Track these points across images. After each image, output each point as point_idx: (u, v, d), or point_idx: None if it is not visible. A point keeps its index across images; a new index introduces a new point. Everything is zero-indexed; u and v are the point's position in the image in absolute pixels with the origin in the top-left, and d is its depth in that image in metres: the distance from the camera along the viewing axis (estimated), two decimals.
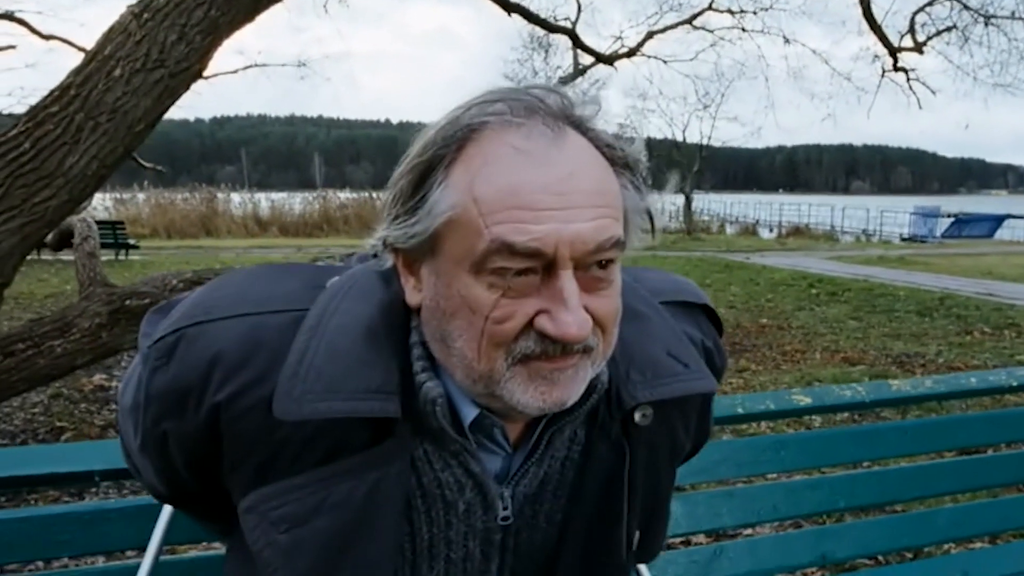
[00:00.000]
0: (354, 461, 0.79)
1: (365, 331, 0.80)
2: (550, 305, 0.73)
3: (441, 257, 0.76)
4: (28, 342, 4.18)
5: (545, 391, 0.77)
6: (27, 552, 1.45)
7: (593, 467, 0.90)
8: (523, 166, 0.72)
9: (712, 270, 15.67)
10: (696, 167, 32.60)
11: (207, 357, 0.80)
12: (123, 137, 4.08)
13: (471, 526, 0.88)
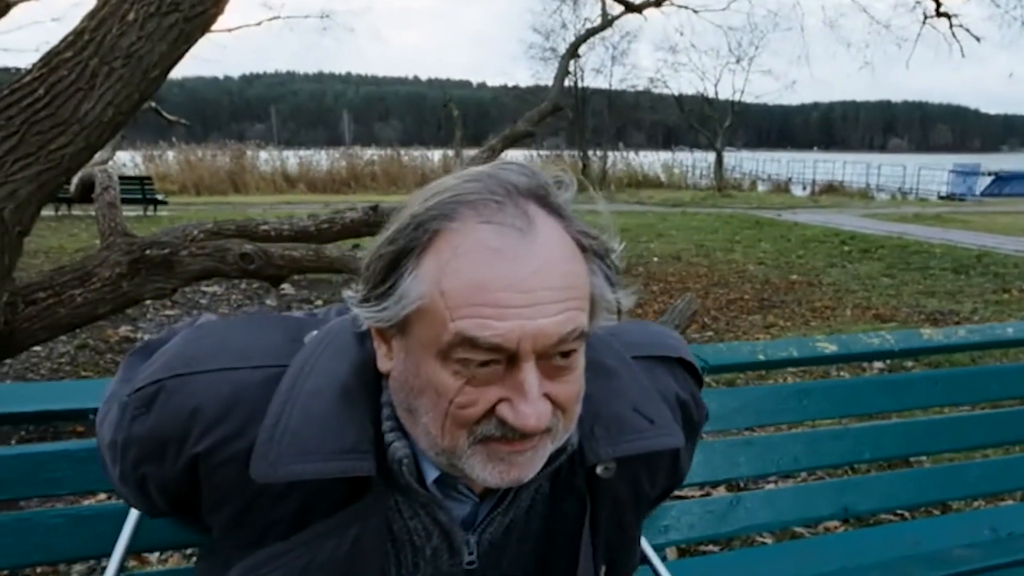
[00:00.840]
0: (334, 521, 0.84)
1: (339, 392, 0.84)
2: (512, 395, 0.76)
3: (411, 338, 0.79)
4: (49, 291, 4.19)
5: (503, 471, 0.80)
6: (20, 490, 1.42)
7: (557, 517, 0.93)
8: (490, 263, 0.74)
9: (742, 226, 15.43)
10: (728, 123, 31.95)
11: (187, 411, 0.84)
12: (138, 83, 4.02)
13: (438, 569, 0.91)
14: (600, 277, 0.82)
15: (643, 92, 36.07)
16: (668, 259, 11.12)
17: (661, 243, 12.85)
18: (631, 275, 9.79)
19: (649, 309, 7.83)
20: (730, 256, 11.50)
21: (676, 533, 1.81)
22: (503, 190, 0.77)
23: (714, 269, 10.31)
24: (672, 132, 54.00)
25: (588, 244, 0.81)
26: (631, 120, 40.06)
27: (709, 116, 32.77)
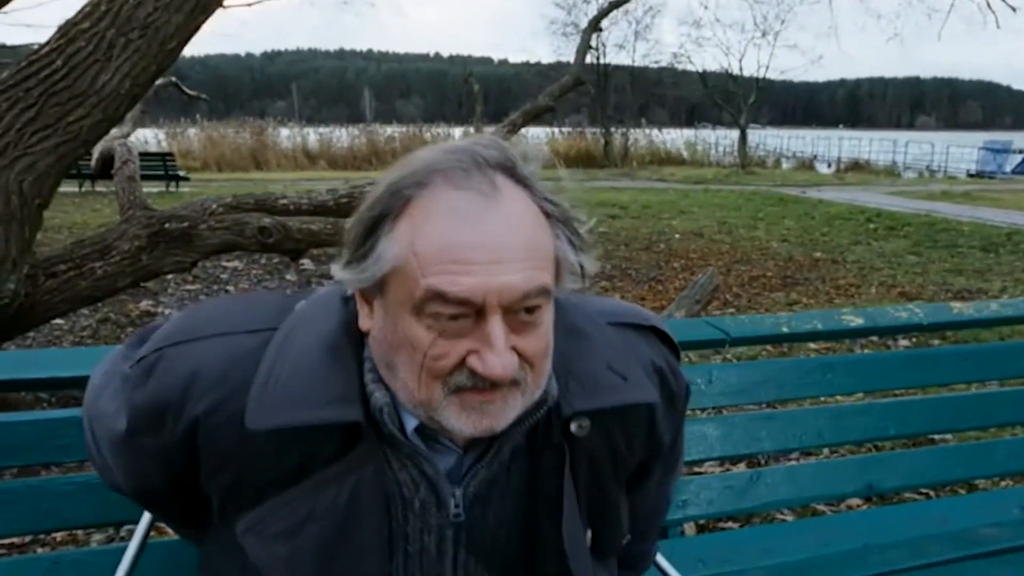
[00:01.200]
0: (332, 470, 0.88)
1: (327, 346, 0.90)
2: (480, 346, 0.82)
3: (388, 297, 0.85)
4: (69, 263, 4.21)
5: (476, 420, 0.85)
6: (31, 456, 1.41)
7: (537, 472, 0.97)
8: (458, 224, 0.80)
9: (765, 203, 15.24)
10: (752, 99, 31.50)
11: (185, 375, 0.89)
12: (155, 55, 3.99)
13: (426, 522, 0.95)
14: (564, 242, 0.87)
15: (666, 68, 35.64)
16: (690, 236, 11.01)
17: (683, 220, 12.72)
18: (652, 251, 9.71)
19: (670, 286, 7.77)
20: (753, 233, 11.37)
21: (695, 508, 1.78)
22: (473, 161, 0.83)
23: (736, 246, 10.19)
24: (695, 109, 53.41)
25: (551, 211, 0.86)
26: (654, 97, 39.56)
27: (733, 92, 32.29)
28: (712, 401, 1.81)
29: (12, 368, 1.48)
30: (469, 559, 0.98)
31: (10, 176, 3.72)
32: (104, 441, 1.01)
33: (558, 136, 30.94)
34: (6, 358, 1.50)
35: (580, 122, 34.38)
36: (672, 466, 1.19)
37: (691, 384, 1.80)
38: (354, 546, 0.89)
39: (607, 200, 15.17)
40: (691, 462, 1.82)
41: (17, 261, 3.82)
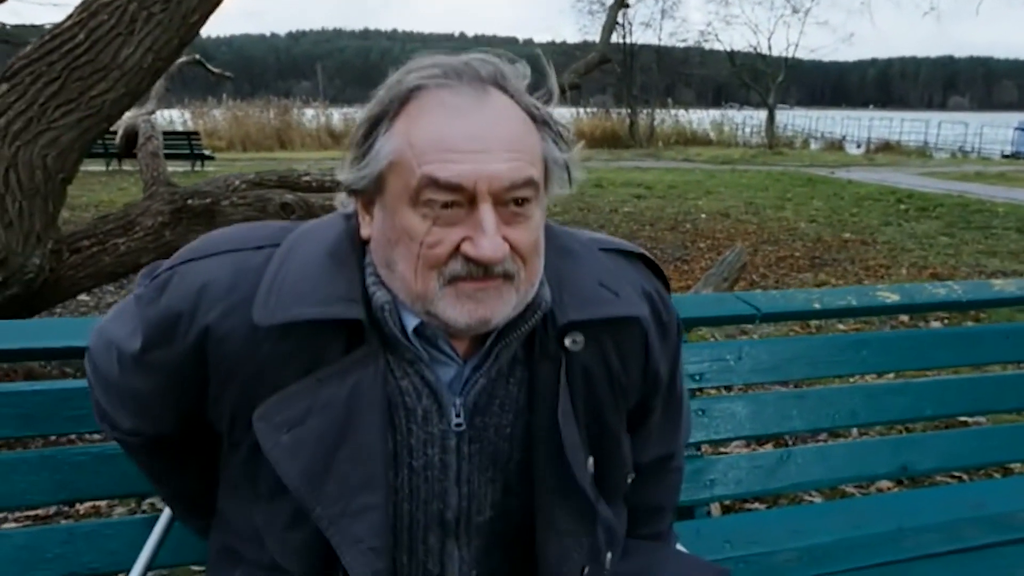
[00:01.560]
0: (334, 368, 0.92)
1: (329, 253, 0.95)
2: (472, 232, 0.86)
3: (387, 194, 0.90)
4: (93, 239, 4.21)
5: (471, 309, 0.89)
6: (44, 426, 1.39)
7: (535, 383, 0.99)
8: (450, 118, 0.87)
9: (793, 184, 15.02)
10: (781, 78, 31.00)
11: (196, 286, 0.93)
12: (177, 28, 3.97)
13: (429, 433, 0.97)
14: (551, 144, 0.93)
15: (693, 47, 35.17)
16: (716, 216, 10.88)
17: (709, 200, 12.57)
18: (678, 231, 9.60)
19: (696, 266, 7.67)
20: (780, 214, 11.21)
21: (722, 488, 1.73)
22: (465, 69, 0.90)
23: (763, 226, 10.05)
24: (722, 89, 52.73)
25: (537, 115, 0.92)
26: (680, 76, 39.07)
27: (762, 72, 31.81)
28: (741, 379, 1.75)
29: (27, 337, 1.46)
30: (473, 473, 1.00)
31: (34, 151, 3.72)
32: (112, 374, 1.04)
33: (583, 116, 30.67)
34: (22, 327, 1.47)
35: (605, 102, 34.07)
36: (675, 409, 1.20)
37: (720, 360, 1.76)
38: (354, 443, 0.92)
39: (632, 180, 15.03)
40: (719, 441, 1.77)
41: (41, 236, 3.82)
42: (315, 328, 0.90)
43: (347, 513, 0.92)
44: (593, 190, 13.51)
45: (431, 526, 1.00)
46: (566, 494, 1.00)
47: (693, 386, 1.73)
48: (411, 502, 0.99)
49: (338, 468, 0.92)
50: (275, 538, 0.99)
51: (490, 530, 1.03)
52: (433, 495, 0.99)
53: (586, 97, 34.46)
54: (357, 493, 0.92)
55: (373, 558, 0.93)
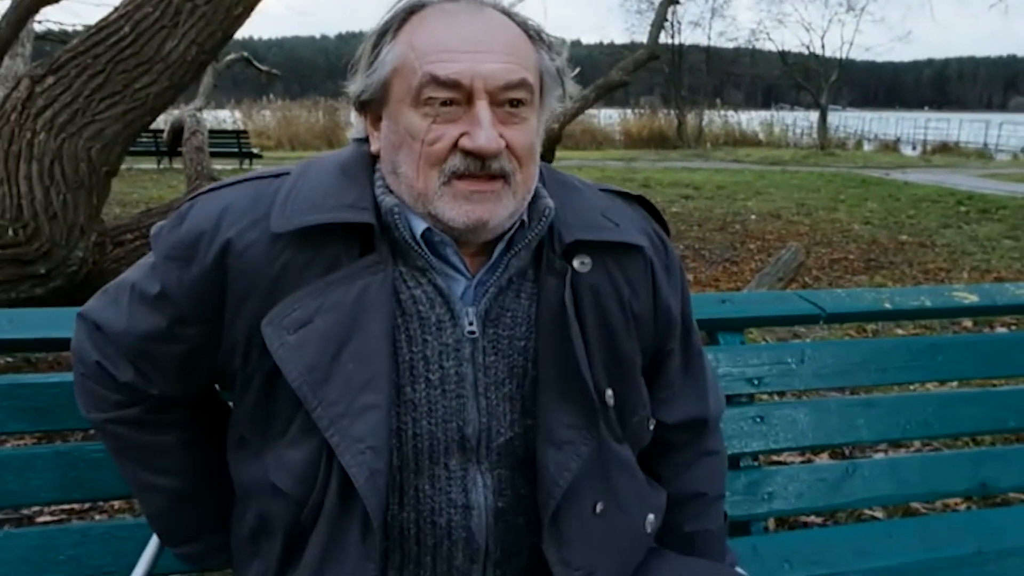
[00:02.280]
0: (342, 272, 0.94)
1: (340, 168, 1.01)
2: (469, 128, 0.91)
3: (391, 101, 0.96)
4: (136, 232, 4.21)
5: (468, 210, 0.93)
6: (60, 421, 1.32)
7: (545, 297, 1.00)
8: (450, 23, 0.93)
9: (847, 185, 14.61)
10: (834, 77, 30.33)
11: (218, 208, 0.97)
12: (221, 20, 3.94)
13: (444, 344, 0.98)
14: (546, 58, 0.99)
15: (743, 47, 34.61)
16: (767, 217, 10.60)
17: (759, 201, 12.28)
18: (727, 232, 9.37)
19: (745, 267, 7.46)
20: (833, 215, 10.88)
21: (781, 502, 1.59)
22: None
23: (816, 228, 9.76)
24: (772, 90, 51.85)
25: (534, 33, 0.99)
26: (729, 77, 38.51)
27: (814, 71, 31.16)
28: (804, 383, 1.62)
29: (46, 326, 1.39)
30: (490, 388, 1.00)
31: (79, 143, 3.71)
32: (119, 325, 1.02)
33: (631, 116, 30.38)
34: (39, 316, 1.40)
35: (653, 103, 33.72)
36: (696, 362, 1.19)
37: (781, 364, 1.62)
38: (360, 343, 0.93)
39: (680, 180, 14.79)
40: (778, 450, 1.63)
41: (85, 228, 3.82)
42: (328, 235, 0.94)
43: (348, 413, 0.92)
44: (640, 190, 13.18)
45: (452, 448, 0.99)
46: (565, 399, 0.99)
47: (751, 390, 1.59)
48: (430, 418, 0.98)
49: (342, 367, 0.92)
50: (275, 457, 0.99)
51: (511, 454, 1.01)
52: (451, 412, 0.98)
53: (634, 97, 34.16)
54: (359, 393, 0.92)
55: (372, 457, 0.92)
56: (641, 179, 14.72)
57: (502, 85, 0.92)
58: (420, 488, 0.98)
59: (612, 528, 1.04)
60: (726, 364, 1.59)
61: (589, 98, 7.96)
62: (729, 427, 1.56)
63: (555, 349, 0.99)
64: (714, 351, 1.60)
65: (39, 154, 3.65)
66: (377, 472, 0.92)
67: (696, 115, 30.19)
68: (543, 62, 0.98)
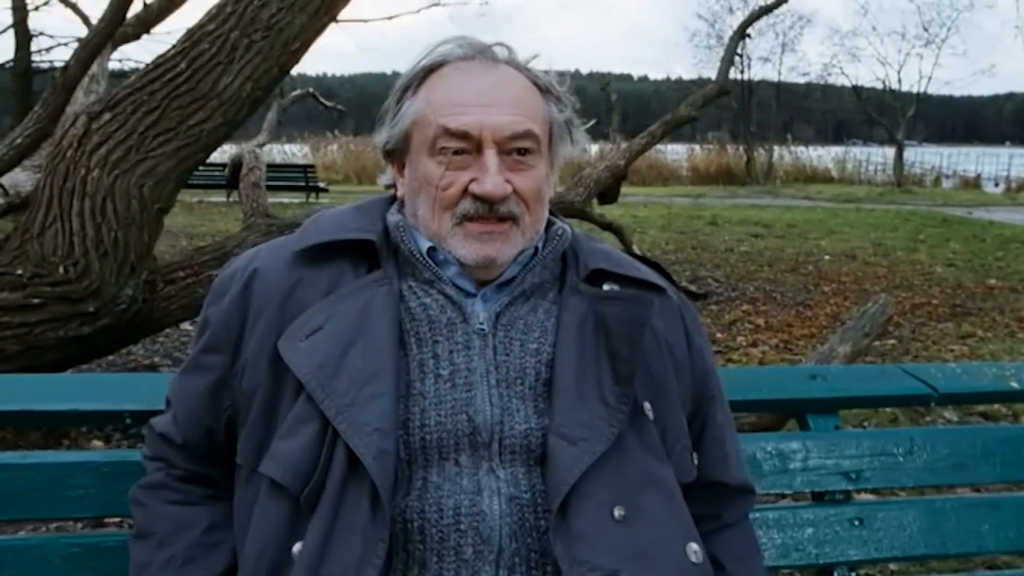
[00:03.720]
0: (350, 287, 1.03)
1: (357, 206, 1.14)
2: (479, 174, 1.02)
3: (412, 150, 1.07)
4: (188, 270, 4.13)
5: (477, 248, 1.03)
6: (34, 508, 1.15)
7: (567, 311, 1.05)
8: (463, 79, 1.05)
9: (926, 224, 13.97)
10: (911, 112, 29.40)
11: (256, 250, 1.11)
12: (278, 56, 3.87)
13: (455, 342, 1.02)
14: (555, 110, 1.09)
15: (815, 82, 33.88)
16: (841, 258, 10.15)
17: (832, 240, 11.80)
18: (799, 273, 8.97)
19: (820, 311, 7.07)
20: (913, 256, 10.35)
21: None
22: (482, 48, 1.08)
23: (895, 270, 9.27)
24: (843, 125, 50.69)
25: (545, 86, 1.09)
26: (799, 112, 37.73)
27: (890, 106, 30.27)
28: (913, 479, 1.35)
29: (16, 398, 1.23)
30: (502, 385, 1.01)
31: (131, 180, 3.66)
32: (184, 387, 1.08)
33: (698, 151, 29.97)
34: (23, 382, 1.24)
35: (721, 138, 33.23)
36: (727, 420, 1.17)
37: (884, 454, 1.36)
38: (367, 341, 0.98)
39: (749, 218, 14.37)
40: (882, 560, 1.36)
41: (136, 266, 3.76)
42: (338, 255, 1.04)
43: (356, 402, 0.95)
44: (708, 228, 12.96)
45: (462, 443, 0.98)
46: (582, 400, 0.99)
47: (847, 486, 1.34)
48: (438, 410, 0.99)
49: (350, 362, 0.97)
50: (267, 455, 0.98)
51: (526, 450, 1.00)
52: (461, 403, 0.99)
53: (701, 132, 33.72)
54: (366, 383, 0.96)
55: (379, 439, 0.93)
56: (709, 216, 14.35)
57: (508, 135, 1.01)
58: (428, 479, 0.98)
59: (638, 540, 0.97)
60: (817, 454, 1.34)
61: (656, 134, 7.72)
62: (821, 531, 1.31)
63: (575, 356, 1.01)
64: (802, 438, 1.35)
65: (92, 191, 3.60)
66: (384, 452, 0.93)
67: (765, 151, 29.60)
68: (551, 114, 1.08)
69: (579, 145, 1.13)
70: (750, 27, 10.43)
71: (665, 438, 1.05)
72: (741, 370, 1.48)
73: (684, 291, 2.02)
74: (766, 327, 6.47)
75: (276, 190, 15.65)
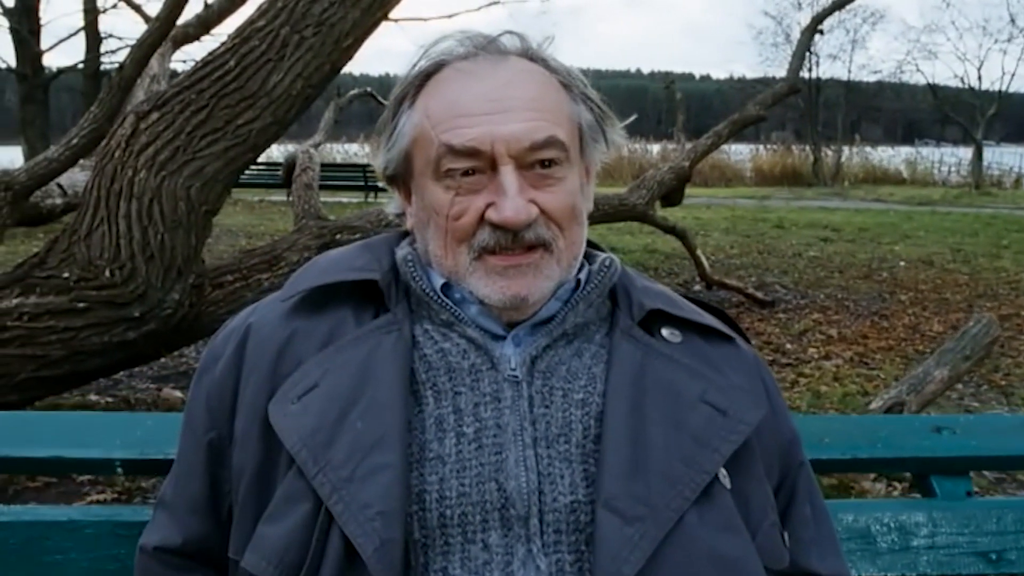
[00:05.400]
0: (351, 336, 0.86)
1: (362, 244, 0.97)
2: (495, 197, 0.83)
3: (415, 174, 0.90)
4: (237, 274, 4.03)
5: (504, 285, 0.84)
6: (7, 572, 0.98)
7: (619, 360, 0.87)
8: (465, 83, 0.86)
9: (1009, 229, 13.23)
10: (992, 110, 28.10)
11: (253, 306, 0.96)
12: (329, 53, 3.73)
13: (481, 393, 0.84)
14: (585, 110, 0.90)
15: (887, 80, 32.69)
16: (918, 264, 9.62)
17: (907, 246, 11.25)
18: (873, 280, 8.52)
19: (897, 322, 6.66)
20: (997, 263, 9.77)
21: None
22: (486, 41, 0.89)
23: (977, 278, 8.74)
24: (912, 125, 48.97)
25: (569, 82, 0.90)
26: (867, 111, 36.47)
27: (967, 104, 29.00)
28: None
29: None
30: (541, 443, 0.82)
31: (178, 181, 3.55)
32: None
33: (762, 152, 29.23)
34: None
35: (785, 138, 32.37)
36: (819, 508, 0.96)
37: None
38: (369, 400, 0.81)
39: (817, 221, 13.84)
40: None
41: (182, 270, 3.65)
42: (337, 300, 0.88)
43: (355, 478, 0.77)
44: (774, 231, 12.50)
45: (491, 519, 0.79)
46: (637, 468, 0.80)
47: (987, 570, 1.08)
48: (461, 477, 0.80)
49: (349, 427, 0.80)
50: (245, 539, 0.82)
51: (574, 529, 0.80)
52: (489, 468, 0.80)
53: (765, 132, 32.87)
54: (368, 453, 0.78)
55: (381, 525, 0.75)
56: (775, 219, 13.87)
57: (527, 146, 0.83)
58: (449, 571, 0.79)
59: None
60: (947, 528, 1.10)
61: (723, 134, 7.41)
62: None
63: (629, 412, 0.83)
64: (927, 508, 1.10)
65: (139, 192, 3.51)
66: (389, 542, 0.75)
67: (833, 151, 28.68)
68: (579, 111, 0.90)
69: (615, 146, 0.94)
70: (822, 22, 9.96)
71: (747, 513, 0.85)
72: (842, 420, 1.24)
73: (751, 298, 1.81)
74: (839, 338, 6.11)
75: (334, 190, 15.73)
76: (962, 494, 1.14)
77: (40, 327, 3.36)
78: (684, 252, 7.44)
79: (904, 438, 1.17)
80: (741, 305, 7.06)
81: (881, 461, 1.16)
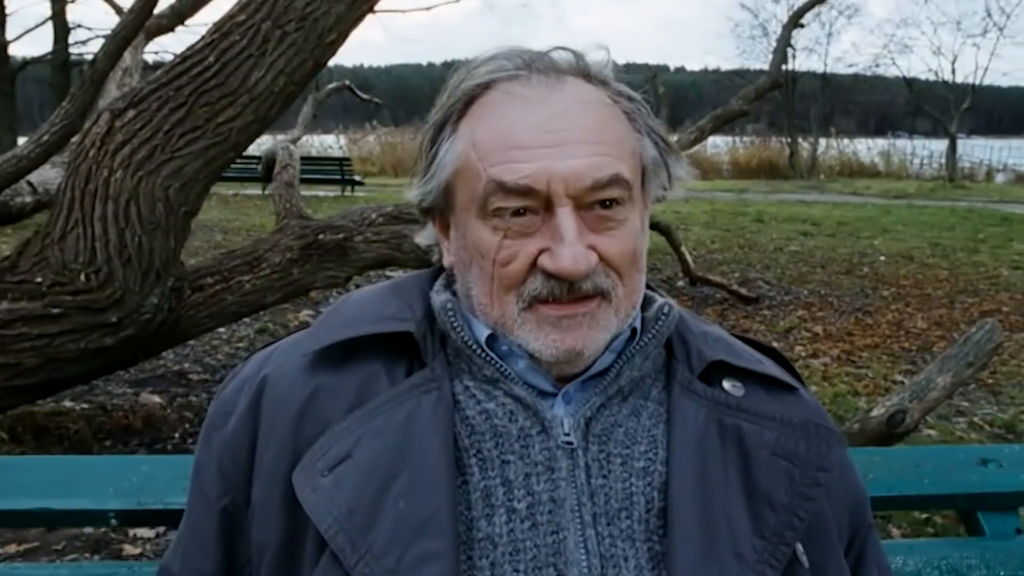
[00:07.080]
0: (385, 396, 0.77)
1: (393, 284, 0.88)
2: (550, 243, 0.75)
3: (456, 208, 0.80)
4: (217, 276, 3.91)
5: (557, 338, 0.76)
6: None
7: (681, 420, 0.79)
8: (517, 109, 0.76)
9: (985, 223, 13.36)
10: (966, 104, 28.38)
11: (269, 351, 0.87)
12: (312, 48, 3.61)
13: (531, 462, 0.76)
14: (649, 143, 0.81)
15: (862, 73, 32.91)
16: (898, 259, 9.67)
17: (887, 240, 11.31)
18: (855, 275, 8.54)
19: (881, 319, 6.67)
20: (975, 258, 9.84)
21: None
22: (537, 58, 0.79)
23: (957, 273, 8.79)
24: (886, 117, 49.43)
25: (631, 110, 0.80)
26: (841, 104, 36.72)
27: (943, 98, 29.27)
28: None
29: None
30: (601, 520, 0.74)
31: (156, 182, 3.42)
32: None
33: (739, 144, 29.32)
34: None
35: (760, 130, 32.50)
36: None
37: None
38: (413, 474, 0.72)
39: (796, 215, 13.89)
40: None
41: (161, 273, 3.52)
42: (367, 354, 0.79)
43: (400, 569, 0.69)
44: (754, 225, 12.52)
45: None
46: (711, 550, 0.73)
47: None
48: (515, 561, 0.73)
49: (390, 507, 0.71)
50: None
51: None
52: (547, 552, 0.73)
53: (741, 125, 33.01)
54: (415, 538, 0.70)
55: None
56: (754, 212, 13.89)
57: (589, 185, 0.75)
58: None
59: None
60: (997, 567, 1.03)
61: (706, 129, 7.35)
62: None
63: (696, 482, 0.75)
64: (978, 547, 1.04)
65: (115, 193, 3.37)
66: None
67: (810, 144, 28.84)
68: (644, 147, 0.81)
69: (680, 182, 0.84)
70: (806, 14, 9.95)
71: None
72: (884, 453, 1.17)
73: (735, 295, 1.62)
74: (825, 336, 6.10)
75: (311, 183, 15.52)
76: (1011, 531, 1.08)
77: (12, 334, 3.23)
78: (667, 247, 7.38)
79: (950, 473, 1.10)
80: (725, 302, 7.04)
81: (927, 498, 1.10)
